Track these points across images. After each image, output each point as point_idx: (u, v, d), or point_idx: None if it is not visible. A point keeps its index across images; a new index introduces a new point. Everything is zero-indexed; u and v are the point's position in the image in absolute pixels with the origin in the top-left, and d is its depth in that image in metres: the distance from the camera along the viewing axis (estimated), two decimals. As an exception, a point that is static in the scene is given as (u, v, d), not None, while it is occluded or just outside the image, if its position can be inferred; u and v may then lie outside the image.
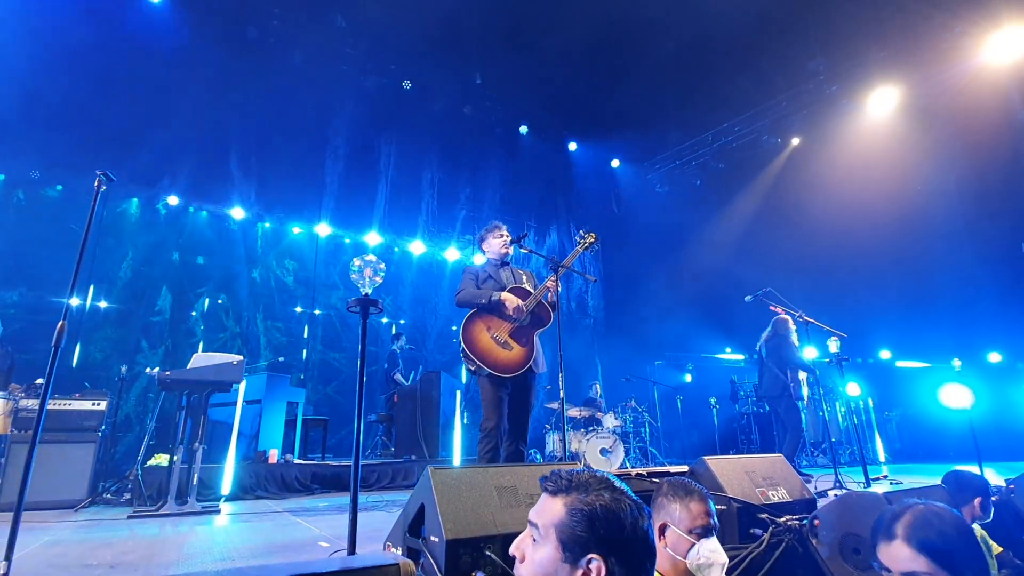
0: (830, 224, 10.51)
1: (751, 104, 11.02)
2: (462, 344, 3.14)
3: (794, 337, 5.71)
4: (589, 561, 0.96)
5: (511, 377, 3.12)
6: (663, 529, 1.71)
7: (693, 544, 1.65)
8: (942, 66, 8.57)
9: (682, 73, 10.31)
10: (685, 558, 1.64)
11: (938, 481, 4.56)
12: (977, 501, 2.87)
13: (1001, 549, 2.75)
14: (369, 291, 2.19)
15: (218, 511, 4.07)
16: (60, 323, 2.15)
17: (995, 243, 9.32)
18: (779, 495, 2.64)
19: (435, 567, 1.72)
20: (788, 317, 5.78)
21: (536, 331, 3.31)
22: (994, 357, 8.96)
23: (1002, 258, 9.22)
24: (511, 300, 3.19)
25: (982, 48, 8.12)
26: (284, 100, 9.01)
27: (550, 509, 1.06)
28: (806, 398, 5.55)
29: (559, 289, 3.40)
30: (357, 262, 2.21)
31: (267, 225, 9.60)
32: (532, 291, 3.36)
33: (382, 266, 2.25)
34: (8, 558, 1.88)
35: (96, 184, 2.26)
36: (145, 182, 8.26)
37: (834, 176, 10.47)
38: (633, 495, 1.07)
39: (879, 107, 9.67)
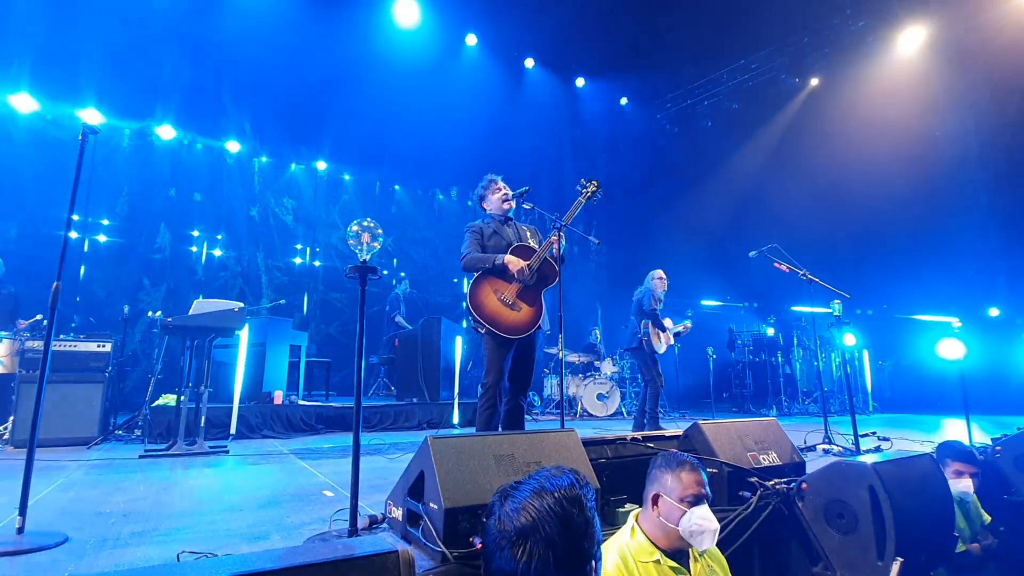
0: (841, 171, 10.23)
1: (771, 40, 10.44)
2: (470, 309, 3.13)
3: (653, 284, 5.58)
4: None
5: (520, 338, 3.13)
6: (656, 499, 1.76)
7: (685, 512, 1.71)
8: (977, 5, 8.02)
9: (701, 3, 9.68)
10: (677, 525, 1.70)
11: (924, 439, 4.68)
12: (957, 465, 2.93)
13: (990, 519, 2.85)
14: (367, 257, 2.14)
15: (226, 451, 4.21)
16: (55, 284, 2.12)
17: (1007, 192, 9.09)
18: (770, 459, 2.71)
19: (434, 533, 1.79)
20: (660, 271, 5.67)
21: (543, 289, 3.29)
22: (994, 311, 8.99)
23: (1016, 210, 9.02)
24: (514, 263, 3.15)
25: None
26: (274, 27, 8.52)
27: None
28: (662, 349, 5.41)
29: (563, 243, 3.33)
30: (355, 227, 2.14)
31: (264, 160, 9.36)
32: (536, 248, 3.30)
33: (380, 231, 2.19)
34: (22, 513, 1.95)
35: (80, 138, 2.16)
36: (136, 112, 7.99)
37: (850, 120, 10.09)
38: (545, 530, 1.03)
39: (906, 47, 9.15)
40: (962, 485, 2.81)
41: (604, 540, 1.72)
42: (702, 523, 1.69)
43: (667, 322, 5.59)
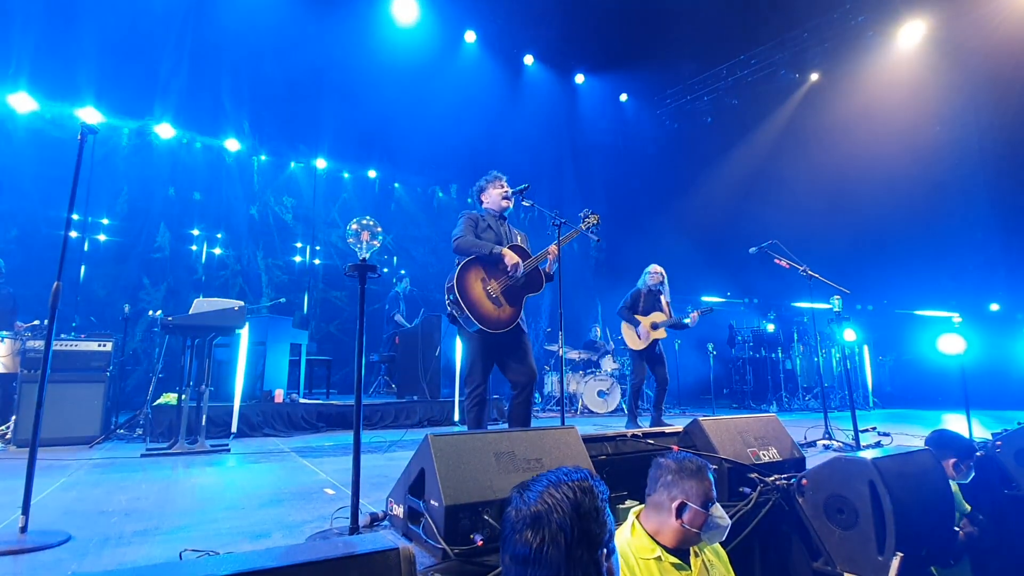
0: (841, 166, 10.22)
1: (771, 35, 10.41)
2: (454, 290, 3.06)
3: (643, 279, 5.62)
4: None
5: (497, 334, 3.11)
6: (682, 508, 1.74)
7: (707, 516, 1.72)
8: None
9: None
10: (701, 529, 1.71)
11: (923, 440, 4.69)
12: (950, 462, 2.96)
13: (970, 508, 2.88)
14: (367, 256, 2.14)
15: (228, 450, 4.22)
16: (55, 284, 2.12)
17: (1008, 186, 9.08)
18: (770, 455, 2.72)
19: (435, 530, 1.79)
20: (659, 269, 5.66)
21: (526, 295, 3.28)
22: (994, 306, 8.98)
23: (1017, 204, 9.01)
24: (510, 256, 3.15)
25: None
26: (272, 25, 8.50)
27: None
28: (640, 345, 5.41)
29: (559, 257, 3.33)
30: (354, 225, 2.15)
31: (263, 158, 9.35)
32: (529, 252, 3.32)
33: (379, 229, 2.19)
34: (25, 512, 1.96)
35: (79, 138, 2.16)
36: (135, 111, 7.97)
37: (850, 116, 10.07)
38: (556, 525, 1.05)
39: (906, 42, 9.13)
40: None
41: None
42: (721, 521, 1.74)
43: (655, 316, 5.49)
